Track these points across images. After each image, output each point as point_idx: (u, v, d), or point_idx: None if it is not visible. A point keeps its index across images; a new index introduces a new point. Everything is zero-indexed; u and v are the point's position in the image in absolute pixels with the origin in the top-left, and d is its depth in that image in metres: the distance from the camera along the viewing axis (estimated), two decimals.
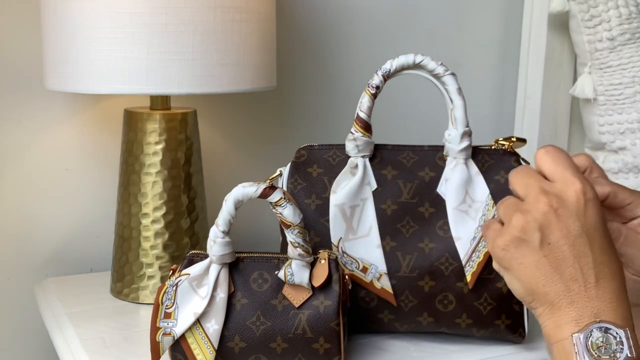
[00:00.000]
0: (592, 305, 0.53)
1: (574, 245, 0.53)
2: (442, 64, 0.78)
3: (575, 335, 0.52)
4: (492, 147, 0.80)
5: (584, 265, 0.53)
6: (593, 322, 0.52)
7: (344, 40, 1.20)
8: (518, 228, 0.55)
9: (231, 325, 0.71)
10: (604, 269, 0.53)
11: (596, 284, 0.53)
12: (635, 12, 1.13)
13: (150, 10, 0.79)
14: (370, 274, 0.77)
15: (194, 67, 0.81)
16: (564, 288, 0.53)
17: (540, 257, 0.54)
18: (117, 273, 0.95)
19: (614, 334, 0.51)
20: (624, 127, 1.18)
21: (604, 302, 0.53)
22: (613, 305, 0.53)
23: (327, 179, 0.80)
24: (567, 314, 0.53)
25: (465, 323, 0.78)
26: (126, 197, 0.93)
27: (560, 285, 0.53)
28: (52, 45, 0.84)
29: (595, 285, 0.53)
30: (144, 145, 0.91)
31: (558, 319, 0.53)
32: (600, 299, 0.53)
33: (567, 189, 0.55)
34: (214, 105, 1.12)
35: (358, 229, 0.78)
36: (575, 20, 1.20)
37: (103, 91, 0.82)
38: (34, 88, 1.00)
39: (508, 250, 0.56)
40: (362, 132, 0.79)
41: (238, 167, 1.16)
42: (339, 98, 1.20)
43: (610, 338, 0.51)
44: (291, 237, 0.71)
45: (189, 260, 0.73)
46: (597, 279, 0.53)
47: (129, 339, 0.81)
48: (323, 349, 0.72)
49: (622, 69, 1.17)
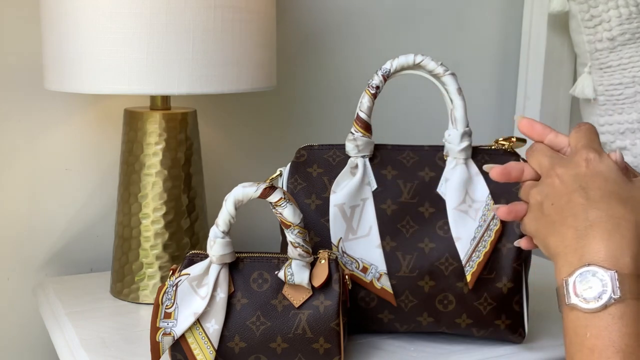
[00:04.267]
0: (583, 250, 0.55)
1: (569, 199, 0.58)
2: (442, 64, 0.78)
3: (564, 279, 0.55)
4: (492, 147, 0.80)
5: (578, 214, 0.57)
6: (581, 265, 0.55)
7: (344, 40, 1.20)
8: (533, 201, 0.62)
9: (231, 325, 0.71)
10: (601, 215, 0.56)
11: (589, 228, 0.55)
12: (635, 12, 1.13)
13: (151, 11, 0.79)
14: (370, 274, 0.77)
15: (194, 67, 0.81)
16: (560, 238, 0.57)
17: (543, 216, 0.60)
18: (117, 273, 0.95)
19: (600, 276, 0.53)
20: (624, 127, 1.18)
21: (596, 246, 0.55)
22: (606, 249, 0.54)
23: (327, 179, 0.80)
24: (563, 259, 0.57)
25: (465, 323, 0.78)
26: (126, 197, 0.93)
27: (557, 237, 0.58)
28: (52, 45, 0.84)
29: (588, 230, 0.55)
30: (144, 145, 0.91)
31: (558, 264, 0.57)
32: (592, 243, 0.55)
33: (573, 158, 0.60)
34: (214, 105, 1.12)
35: (358, 229, 0.78)
36: (575, 20, 1.20)
37: (103, 91, 0.82)
38: (34, 88, 1.00)
39: (530, 221, 0.63)
40: (362, 132, 0.79)
41: (238, 167, 1.16)
42: (339, 98, 1.20)
43: (596, 281, 0.53)
44: (291, 237, 0.71)
45: (189, 260, 0.73)
46: (590, 225, 0.56)
47: (128, 339, 0.81)
48: (323, 349, 0.72)
49: (622, 69, 1.16)
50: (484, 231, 0.76)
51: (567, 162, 0.60)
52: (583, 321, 0.54)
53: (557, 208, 0.58)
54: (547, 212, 0.59)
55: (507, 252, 0.77)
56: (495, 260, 0.77)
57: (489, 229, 0.76)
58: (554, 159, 0.62)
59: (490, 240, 0.76)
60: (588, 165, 0.59)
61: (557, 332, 0.84)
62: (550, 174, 0.60)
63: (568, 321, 0.55)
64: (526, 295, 0.78)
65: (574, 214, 0.57)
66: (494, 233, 0.76)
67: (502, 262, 0.77)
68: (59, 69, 0.84)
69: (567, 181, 0.58)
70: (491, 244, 0.76)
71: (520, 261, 0.77)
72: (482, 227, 0.77)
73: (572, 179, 0.58)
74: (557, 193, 0.59)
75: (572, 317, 0.55)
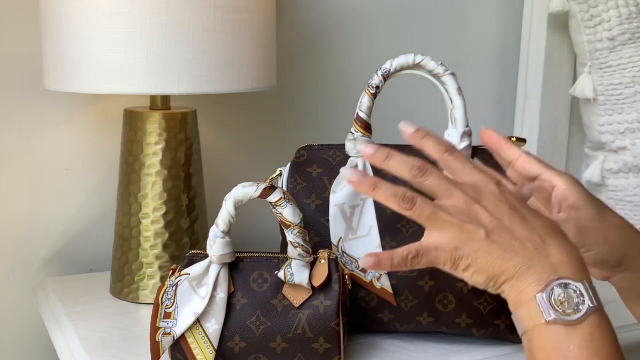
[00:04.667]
0: (547, 264, 0.54)
1: (512, 221, 0.56)
2: (442, 64, 0.78)
3: (538, 295, 0.53)
4: None
5: (527, 234, 0.55)
6: (552, 280, 0.53)
7: (344, 40, 1.20)
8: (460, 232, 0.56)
9: (231, 325, 0.71)
10: (546, 229, 0.56)
11: (544, 244, 0.55)
12: (635, 12, 1.13)
13: (151, 11, 0.79)
14: (370, 274, 0.77)
15: (194, 67, 0.81)
16: (519, 259, 0.55)
17: (489, 244, 0.55)
18: (117, 273, 0.95)
19: (573, 287, 0.53)
20: (624, 127, 1.18)
21: (558, 259, 0.54)
22: (566, 261, 0.54)
23: (327, 179, 0.80)
24: (528, 278, 0.54)
25: (465, 323, 0.78)
26: (126, 197, 0.93)
27: (514, 259, 0.55)
28: (52, 45, 0.84)
29: (544, 246, 0.55)
30: (144, 145, 0.91)
31: (520, 285, 0.54)
32: (553, 256, 0.54)
33: (477, 182, 0.58)
34: (214, 105, 1.12)
35: (358, 229, 0.78)
36: (575, 20, 1.20)
37: (103, 91, 0.82)
38: (34, 88, 1.00)
39: (462, 251, 0.56)
40: (362, 132, 0.79)
41: (238, 167, 1.16)
42: (339, 98, 1.20)
43: (571, 292, 0.53)
44: (291, 237, 0.71)
45: (189, 260, 0.73)
46: (543, 240, 0.55)
47: (128, 339, 0.81)
48: (323, 349, 0.72)
49: (622, 69, 1.17)
50: None
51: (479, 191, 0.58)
52: (564, 335, 0.52)
53: (500, 232, 0.55)
54: (492, 239, 0.55)
55: None
56: None
57: None
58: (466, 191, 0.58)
59: None
60: (499, 188, 0.58)
61: None
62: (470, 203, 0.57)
63: (545, 339, 0.53)
64: None
65: (523, 235, 0.55)
66: None
67: None
68: (59, 69, 0.84)
69: (493, 206, 0.56)
70: None
71: None
72: None
73: (495, 202, 0.56)
74: (491, 219, 0.56)
75: (550, 333, 0.53)
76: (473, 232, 0.55)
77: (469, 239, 0.55)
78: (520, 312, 0.55)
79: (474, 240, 0.55)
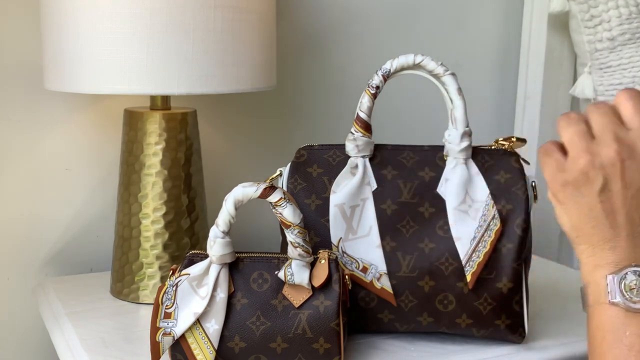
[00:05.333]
0: (633, 252, 0.55)
1: (633, 197, 0.55)
2: (442, 64, 0.78)
3: (609, 276, 0.54)
4: (492, 147, 0.80)
5: (635, 217, 0.55)
6: (630, 265, 0.54)
7: (344, 40, 1.20)
8: (583, 170, 0.56)
9: (231, 325, 0.71)
10: None
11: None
12: (635, 12, 1.13)
13: (151, 11, 0.79)
14: (370, 274, 0.77)
15: (194, 67, 0.81)
16: (611, 234, 0.55)
17: (596, 202, 0.55)
18: (117, 273, 0.95)
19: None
20: None
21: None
22: None
23: (327, 179, 0.80)
24: (608, 257, 0.55)
25: (465, 323, 0.78)
26: (126, 197, 0.93)
27: (607, 231, 0.55)
28: (52, 45, 0.84)
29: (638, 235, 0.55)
30: (144, 145, 0.91)
31: (598, 260, 0.55)
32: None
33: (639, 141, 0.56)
34: (214, 105, 1.12)
35: (358, 229, 0.78)
36: (575, 20, 1.20)
37: (103, 91, 0.82)
38: (34, 88, 1.00)
39: (567, 188, 0.57)
40: (362, 132, 0.79)
41: (238, 167, 1.16)
42: (339, 98, 1.20)
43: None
44: (291, 237, 0.71)
45: (189, 260, 0.73)
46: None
47: (129, 339, 0.81)
48: (323, 349, 0.72)
49: (622, 69, 1.16)
50: (484, 231, 0.76)
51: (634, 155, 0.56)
52: (623, 319, 0.54)
53: (614, 198, 0.55)
54: (607, 192, 0.55)
55: (507, 252, 0.77)
56: (495, 260, 0.77)
57: (489, 229, 0.76)
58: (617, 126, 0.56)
59: (490, 240, 0.76)
60: None
61: (557, 332, 0.84)
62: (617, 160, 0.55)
63: (605, 317, 0.55)
64: (526, 295, 0.78)
65: (634, 213, 0.55)
66: (493, 233, 0.76)
67: (502, 262, 0.77)
68: (59, 69, 0.84)
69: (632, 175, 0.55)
70: (491, 244, 0.76)
71: (520, 261, 0.77)
72: (482, 227, 0.77)
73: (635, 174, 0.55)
74: (621, 174, 0.55)
75: (610, 314, 0.54)
76: (594, 176, 0.55)
77: (587, 181, 0.56)
78: (590, 286, 0.56)
79: (589, 183, 0.56)
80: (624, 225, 0.55)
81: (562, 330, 0.85)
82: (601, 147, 0.56)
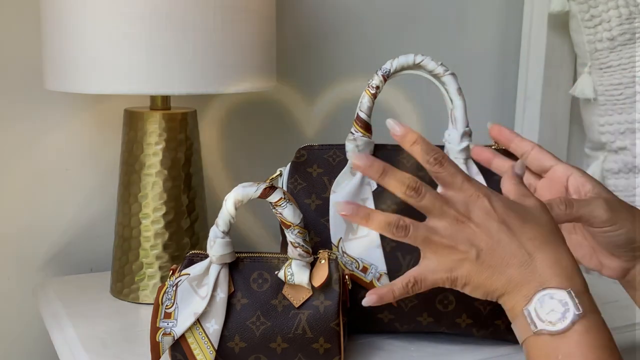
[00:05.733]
0: (534, 278, 0.56)
1: (499, 237, 0.57)
2: (442, 64, 0.78)
3: (525, 309, 0.56)
4: (492, 147, 0.80)
5: (515, 249, 0.57)
6: (538, 292, 0.55)
7: (344, 40, 1.20)
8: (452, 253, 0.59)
9: (231, 325, 0.71)
10: (535, 241, 0.57)
11: (530, 258, 0.57)
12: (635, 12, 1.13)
13: (151, 11, 0.79)
14: (370, 274, 0.77)
15: (194, 67, 0.81)
16: (507, 277, 0.57)
17: (479, 265, 0.58)
18: (117, 273, 0.95)
19: (558, 297, 0.55)
20: (624, 127, 1.18)
21: (544, 271, 0.56)
22: (553, 271, 0.56)
23: (327, 179, 0.80)
24: (517, 293, 0.57)
25: (465, 323, 0.78)
26: (126, 197, 0.93)
27: (503, 277, 0.57)
28: (52, 45, 0.84)
29: (531, 260, 0.57)
30: (144, 145, 0.91)
31: (511, 300, 0.57)
32: (539, 270, 0.56)
33: (467, 196, 0.59)
34: (214, 105, 1.12)
35: (358, 229, 0.78)
36: (575, 20, 1.20)
37: (103, 91, 0.82)
38: (34, 88, 1.00)
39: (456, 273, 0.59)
40: (362, 132, 0.79)
41: (238, 167, 1.16)
42: (339, 98, 1.20)
43: (555, 302, 0.55)
44: (291, 237, 0.71)
45: (189, 260, 0.73)
46: (530, 254, 0.57)
47: (129, 339, 0.81)
48: (323, 349, 0.72)
49: (622, 69, 1.16)
50: None
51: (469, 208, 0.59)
52: (552, 344, 0.54)
53: (489, 252, 0.57)
54: (481, 259, 0.58)
55: None
56: None
57: None
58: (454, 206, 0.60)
59: None
60: (490, 199, 0.59)
61: None
62: (462, 221, 0.58)
63: (536, 349, 0.55)
64: None
65: (510, 252, 0.57)
66: None
67: None
68: (59, 69, 0.84)
69: (483, 222, 0.58)
70: None
71: None
72: None
73: (485, 218, 0.58)
74: (481, 238, 0.58)
75: (540, 343, 0.55)
76: (465, 252, 0.58)
77: (461, 261, 0.58)
78: (515, 323, 0.57)
79: (465, 261, 0.58)
80: (510, 262, 0.57)
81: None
82: (442, 222, 0.59)
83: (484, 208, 0.58)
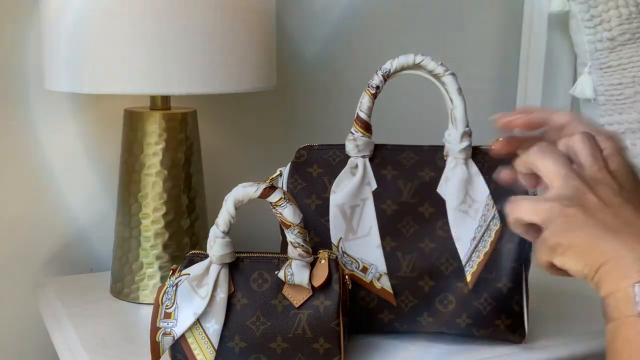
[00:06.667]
0: None
1: (620, 205, 0.53)
2: (442, 64, 0.78)
3: (637, 284, 0.49)
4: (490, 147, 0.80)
5: (634, 218, 0.52)
6: None
7: (344, 40, 1.20)
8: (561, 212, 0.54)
9: (231, 325, 0.71)
10: None
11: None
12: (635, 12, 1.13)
13: (151, 11, 0.79)
14: (370, 274, 0.77)
15: (194, 67, 0.81)
16: (622, 239, 0.51)
17: (587, 219, 0.53)
18: (117, 273, 0.95)
19: None
20: (624, 127, 1.18)
21: None
22: None
23: (327, 179, 0.80)
24: (630, 261, 0.50)
25: (465, 323, 0.78)
26: (126, 197, 0.93)
27: (616, 239, 0.51)
28: (52, 45, 0.84)
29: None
30: (144, 145, 0.91)
31: (619, 269, 0.50)
32: None
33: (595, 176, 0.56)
34: (214, 105, 1.12)
35: (358, 229, 0.78)
36: (575, 20, 1.20)
37: (103, 91, 0.82)
38: (34, 88, 1.00)
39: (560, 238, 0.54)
40: (362, 132, 0.79)
41: (238, 167, 1.16)
42: (339, 98, 1.20)
43: None
44: (291, 237, 0.71)
45: (189, 260, 0.73)
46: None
47: (129, 339, 0.81)
48: (323, 349, 0.72)
49: (622, 69, 1.17)
50: (484, 231, 0.76)
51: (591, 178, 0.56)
52: None
53: (603, 212, 0.53)
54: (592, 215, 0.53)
55: (507, 252, 0.77)
56: (495, 260, 0.77)
57: (489, 229, 0.76)
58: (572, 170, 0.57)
59: (490, 240, 0.76)
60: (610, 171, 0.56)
61: (557, 332, 0.84)
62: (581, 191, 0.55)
63: (633, 332, 0.49)
64: (526, 295, 0.78)
65: (628, 216, 0.52)
66: (494, 233, 0.76)
67: (502, 262, 0.77)
68: (59, 69, 0.84)
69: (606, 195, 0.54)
70: (491, 244, 0.76)
71: (520, 261, 0.77)
72: (482, 227, 0.77)
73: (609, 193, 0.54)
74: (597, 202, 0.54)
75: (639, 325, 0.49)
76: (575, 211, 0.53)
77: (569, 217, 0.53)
78: (611, 299, 0.50)
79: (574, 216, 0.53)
80: (628, 224, 0.52)
81: (562, 330, 0.85)
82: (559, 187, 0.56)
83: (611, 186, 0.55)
